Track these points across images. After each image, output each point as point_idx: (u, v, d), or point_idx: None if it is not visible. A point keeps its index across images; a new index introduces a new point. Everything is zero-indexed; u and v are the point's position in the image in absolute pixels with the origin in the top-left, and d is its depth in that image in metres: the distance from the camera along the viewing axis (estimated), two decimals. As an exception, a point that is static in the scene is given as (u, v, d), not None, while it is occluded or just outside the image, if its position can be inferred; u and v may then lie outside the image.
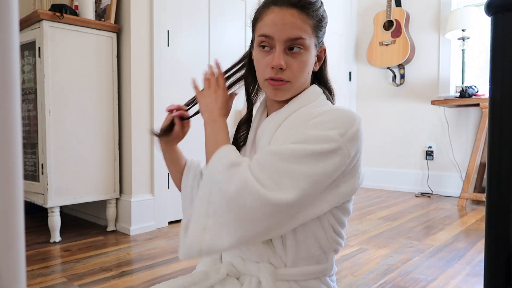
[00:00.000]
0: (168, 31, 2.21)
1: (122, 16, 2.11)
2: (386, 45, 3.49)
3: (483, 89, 3.02)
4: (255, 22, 0.77)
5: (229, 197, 0.63)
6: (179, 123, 0.88)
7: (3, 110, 0.25)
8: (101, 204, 2.19)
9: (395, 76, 3.59)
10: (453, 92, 3.27)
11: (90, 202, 2.17)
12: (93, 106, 2.01)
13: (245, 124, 0.85)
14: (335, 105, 0.76)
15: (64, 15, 1.87)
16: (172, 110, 0.88)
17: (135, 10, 2.07)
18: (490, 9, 0.55)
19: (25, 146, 1.99)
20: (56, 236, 1.93)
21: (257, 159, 0.66)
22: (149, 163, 2.16)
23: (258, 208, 0.62)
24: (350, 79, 3.83)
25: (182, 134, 0.90)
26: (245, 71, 0.85)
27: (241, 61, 0.87)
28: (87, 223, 2.30)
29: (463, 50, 3.11)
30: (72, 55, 1.93)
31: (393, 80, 3.60)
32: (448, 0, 3.28)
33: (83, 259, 1.66)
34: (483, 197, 2.68)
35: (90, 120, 2.00)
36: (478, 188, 2.99)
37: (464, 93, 2.88)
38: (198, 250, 0.64)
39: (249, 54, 0.84)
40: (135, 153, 2.09)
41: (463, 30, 3.02)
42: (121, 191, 2.15)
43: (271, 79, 0.73)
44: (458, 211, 2.68)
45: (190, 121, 0.90)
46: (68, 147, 1.93)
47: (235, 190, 0.63)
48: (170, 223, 2.25)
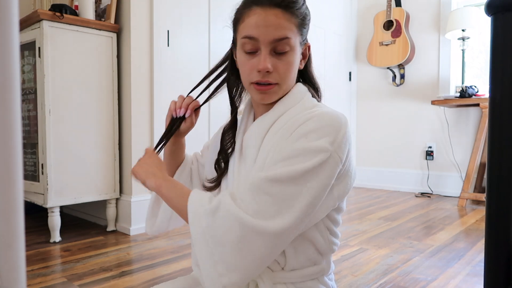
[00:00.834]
0: (168, 31, 2.21)
1: (122, 16, 2.11)
2: (386, 45, 3.49)
3: (483, 89, 3.02)
4: (237, 23, 0.74)
5: (231, 243, 0.60)
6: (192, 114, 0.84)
7: (3, 110, 0.25)
8: (101, 204, 2.19)
9: (395, 76, 3.59)
10: (453, 92, 3.27)
11: (90, 202, 2.17)
12: (93, 106, 2.01)
13: (231, 130, 0.82)
14: (321, 106, 0.73)
15: (64, 15, 1.87)
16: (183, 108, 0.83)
17: (135, 10, 2.07)
18: (490, 9, 0.55)
19: (25, 146, 1.99)
20: (56, 236, 1.92)
21: (250, 188, 0.63)
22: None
23: (261, 243, 0.60)
24: (350, 79, 3.83)
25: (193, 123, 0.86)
26: (227, 74, 0.82)
27: (223, 63, 0.84)
28: (87, 223, 2.30)
29: (463, 50, 3.11)
30: (72, 55, 1.93)
31: (393, 80, 3.60)
32: (448, 0, 3.28)
33: (83, 259, 1.66)
34: (483, 197, 2.68)
35: (90, 120, 2.00)
36: (478, 188, 2.99)
37: (464, 93, 2.88)
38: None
39: (231, 56, 0.82)
40: (135, 153, 2.09)
41: (463, 30, 3.02)
42: (121, 191, 2.15)
43: (257, 83, 0.71)
44: (458, 211, 2.68)
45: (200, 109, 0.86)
46: (68, 147, 1.93)
47: (234, 235, 0.60)
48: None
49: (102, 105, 2.05)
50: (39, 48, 1.85)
